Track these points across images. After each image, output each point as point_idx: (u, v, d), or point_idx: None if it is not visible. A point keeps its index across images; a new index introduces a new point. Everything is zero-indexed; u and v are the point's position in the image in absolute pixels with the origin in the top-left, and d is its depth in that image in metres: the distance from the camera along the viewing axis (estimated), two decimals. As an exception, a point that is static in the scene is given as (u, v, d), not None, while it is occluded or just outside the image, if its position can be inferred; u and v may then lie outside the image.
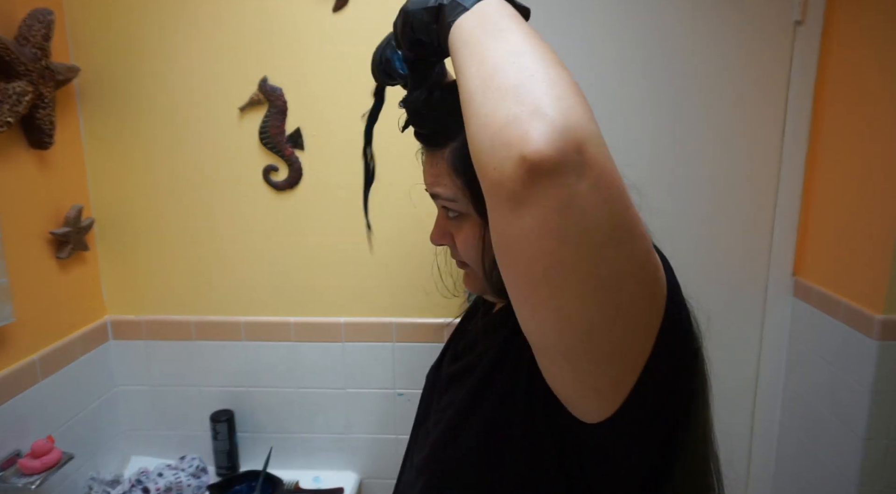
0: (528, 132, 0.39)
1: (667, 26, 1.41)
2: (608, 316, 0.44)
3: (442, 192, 0.65)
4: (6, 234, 1.10)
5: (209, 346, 1.41)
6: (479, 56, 0.46)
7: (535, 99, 0.41)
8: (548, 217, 0.40)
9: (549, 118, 0.39)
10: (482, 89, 0.44)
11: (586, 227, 0.41)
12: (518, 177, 0.39)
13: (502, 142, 0.40)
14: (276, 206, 1.36)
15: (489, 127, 0.42)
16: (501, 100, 0.42)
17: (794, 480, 1.52)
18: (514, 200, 0.40)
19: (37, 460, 1.09)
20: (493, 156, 0.41)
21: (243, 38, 1.29)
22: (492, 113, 0.42)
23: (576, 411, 0.51)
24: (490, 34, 0.47)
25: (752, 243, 1.51)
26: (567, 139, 0.39)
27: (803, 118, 1.43)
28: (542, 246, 0.41)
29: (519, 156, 0.39)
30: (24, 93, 1.08)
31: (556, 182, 0.39)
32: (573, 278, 0.42)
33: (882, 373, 1.21)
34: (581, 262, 0.42)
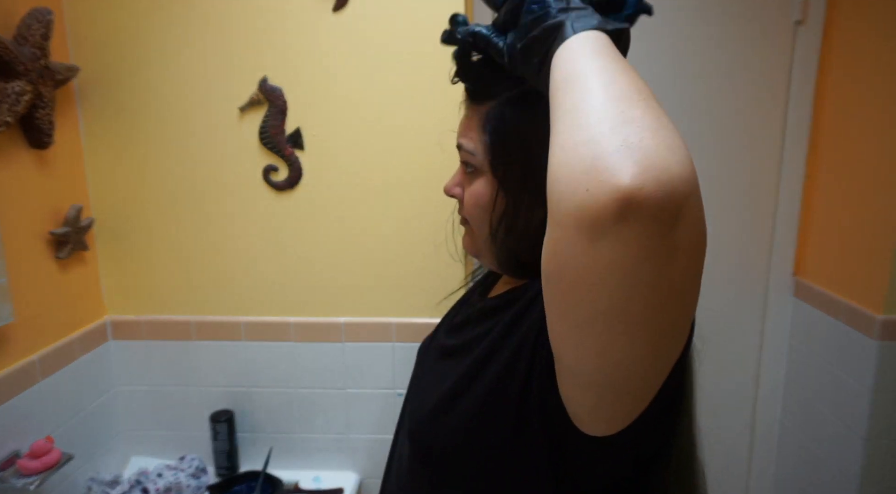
0: (638, 164, 0.37)
1: (667, 26, 1.41)
2: (650, 360, 0.44)
3: (465, 144, 0.66)
4: (6, 234, 1.10)
5: (209, 346, 1.41)
6: (608, 75, 0.44)
7: (655, 138, 0.39)
8: (628, 259, 0.39)
9: (664, 160, 0.38)
10: (604, 106, 0.42)
11: (661, 280, 0.40)
12: (611, 209, 0.37)
13: (606, 166, 0.38)
14: (276, 206, 1.36)
15: (597, 145, 0.39)
16: (620, 125, 0.40)
17: (794, 480, 1.52)
18: (596, 230, 0.38)
19: (36, 460, 1.09)
20: (588, 176, 0.39)
21: (243, 38, 1.29)
22: (607, 133, 0.40)
23: (581, 426, 0.51)
24: (618, 60, 0.47)
25: (753, 243, 1.51)
26: (675, 189, 0.38)
27: (804, 118, 1.43)
28: (614, 285, 0.40)
29: (619, 186, 0.37)
30: (23, 93, 1.08)
31: (648, 228, 0.38)
32: (635, 323, 0.42)
33: (882, 373, 1.21)
34: (648, 311, 0.41)
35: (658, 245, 0.38)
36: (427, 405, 0.66)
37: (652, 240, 0.38)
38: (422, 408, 0.66)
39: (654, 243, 0.38)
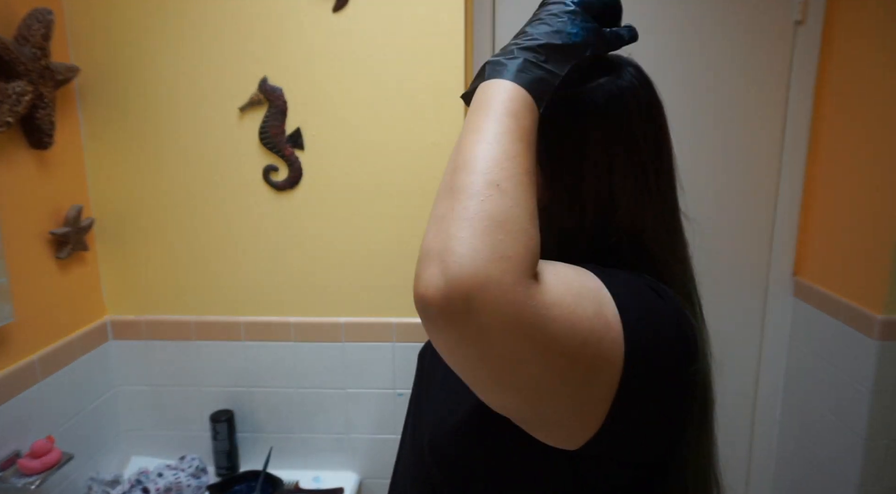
0: (423, 271, 0.42)
1: (667, 26, 1.41)
2: (534, 405, 0.47)
3: None
4: (6, 234, 1.10)
5: (209, 346, 1.41)
6: (456, 147, 0.48)
7: (444, 240, 0.43)
8: (448, 346, 0.44)
9: (444, 265, 0.41)
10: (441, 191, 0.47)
11: (485, 357, 0.43)
12: (419, 309, 0.43)
13: (416, 273, 0.43)
14: (276, 206, 1.36)
15: (420, 251, 0.45)
16: (430, 226, 0.45)
17: (794, 480, 1.52)
18: (424, 322, 0.43)
19: (36, 460, 1.09)
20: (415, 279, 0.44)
21: (243, 38, 1.29)
22: (425, 238, 0.45)
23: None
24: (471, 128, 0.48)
25: (753, 243, 1.51)
26: (453, 289, 0.40)
27: (804, 118, 1.43)
28: (455, 363, 0.45)
29: (416, 293, 0.42)
30: (23, 93, 1.08)
31: (444, 322, 0.42)
32: (490, 386, 0.46)
33: (882, 373, 1.22)
34: (492, 377, 0.45)
35: (461, 333, 0.42)
36: (449, 419, 0.64)
37: (453, 331, 0.42)
38: (444, 422, 0.65)
39: (456, 333, 0.42)
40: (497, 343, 0.42)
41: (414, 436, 0.74)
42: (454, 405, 0.65)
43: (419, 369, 0.85)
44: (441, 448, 0.64)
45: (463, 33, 1.27)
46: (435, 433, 0.66)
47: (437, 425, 0.66)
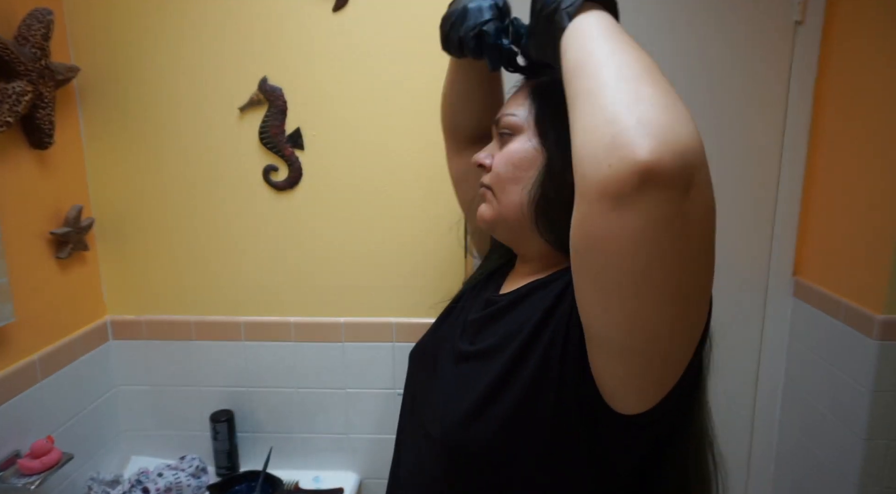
0: (654, 138, 0.41)
1: (666, 26, 1.41)
2: (677, 325, 0.47)
3: (509, 110, 0.69)
4: (6, 234, 1.10)
5: (209, 346, 1.41)
6: (619, 57, 0.48)
7: (668, 113, 0.43)
8: (648, 225, 0.42)
9: (676, 134, 0.41)
10: (617, 86, 0.45)
11: (682, 244, 0.43)
12: (630, 180, 0.41)
13: (624, 142, 0.41)
14: (276, 206, 1.36)
15: (616, 123, 0.43)
16: (634, 103, 0.43)
17: (794, 480, 1.52)
18: (619, 200, 0.42)
19: (36, 460, 1.09)
20: (610, 153, 0.42)
21: (243, 38, 1.29)
22: (624, 111, 0.43)
23: (613, 402, 0.53)
24: (626, 42, 0.50)
25: (753, 243, 1.51)
26: (687, 160, 0.41)
27: (803, 118, 1.43)
28: (638, 251, 0.43)
29: (638, 160, 0.40)
30: (23, 93, 1.08)
31: (666, 195, 0.41)
32: (658, 286, 0.45)
33: (882, 373, 1.21)
34: (669, 274, 0.44)
35: (675, 211, 0.41)
36: (459, 410, 0.64)
37: (670, 207, 0.41)
38: (453, 414, 0.65)
39: (671, 209, 0.41)
40: (700, 227, 0.43)
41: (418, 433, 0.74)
42: (467, 390, 0.65)
43: (413, 369, 0.85)
44: (454, 441, 0.64)
45: (463, 33, 1.27)
46: (447, 427, 0.65)
47: (447, 418, 0.66)
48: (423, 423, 0.73)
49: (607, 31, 0.51)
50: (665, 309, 0.46)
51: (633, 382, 0.51)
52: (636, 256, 0.43)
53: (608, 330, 0.49)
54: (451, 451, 0.64)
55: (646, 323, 0.46)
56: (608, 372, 0.52)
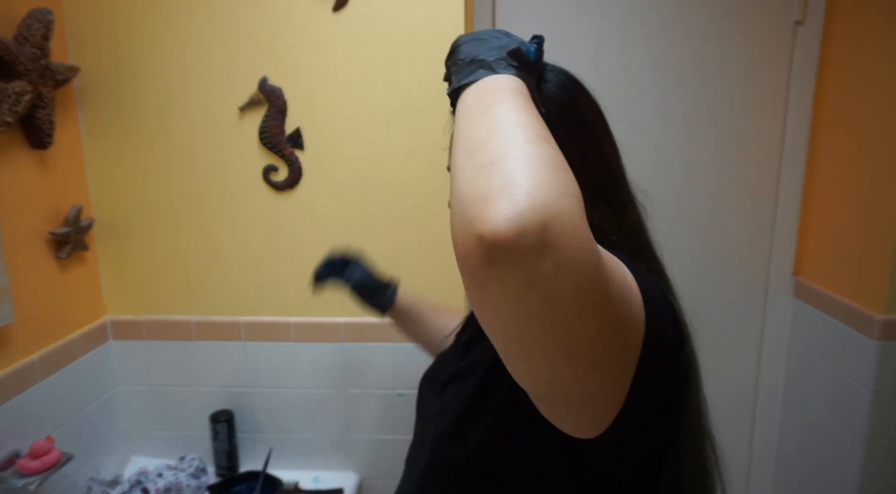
0: (489, 211, 0.39)
1: (666, 27, 1.41)
2: (580, 375, 0.45)
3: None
4: (6, 234, 1.10)
5: (209, 346, 1.41)
6: (467, 131, 0.48)
7: (505, 177, 0.41)
8: (508, 296, 0.40)
9: (511, 197, 0.39)
10: (464, 164, 0.45)
11: (550, 307, 0.41)
12: (478, 256, 0.39)
13: (468, 219, 0.41)
14: (276, 206, 1.36)
15: (461, 201, 0.42)
16: (475, 176, 0.42)
17: (794, 480, 1.52)
18: (477, 278, 0.41)
19: (36, 460, 1.09)
20: (460, 231, 0.42)
21: (243, 38, 1.29)
22: (467, 188, 0.42)
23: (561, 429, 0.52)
24: (483, 108, 0.49)
25: (753, 243, 1.51)
26: (526, 219, 0.38)
27: (803, 118, 1.43)
28: (507, 321, 0.42)
29: (478, 235, 0.39)
30: (23, 93, 1.08)
31: (514, 263, 0.39)
32: (540, 350, 0.43)
33: (882, 373, 1.21)
34: (547, 337, 0.42)
35: (531, 275, 0.39)
36: (444, 426, 0.66)
37: (523, 273, 0.39)
38: (440, 431, 0.66)
39: (525, 276, 0.39)
40: (566, 286, 0.40)
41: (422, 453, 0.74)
42: (451, 406, 0.66)
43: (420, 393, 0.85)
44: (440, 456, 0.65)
45: (463, 33, 1.27)
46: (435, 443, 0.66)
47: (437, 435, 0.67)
48: (424, 443, 0.74)
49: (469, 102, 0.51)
50: (561, 366, 0.44)
51: (565, 421, 0.51)
52: (511, 323, 0.42)
53: (520, 381, 0.48)
54: (442, 467, 0.65)
55: (547, 379, 0.46)
56: (540, 410, 0.52)
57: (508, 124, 0.46)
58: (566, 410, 0.49)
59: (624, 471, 0.58)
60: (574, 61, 0.74)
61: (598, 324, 0.43)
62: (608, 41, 1.42)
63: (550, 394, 0.48)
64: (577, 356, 0.44)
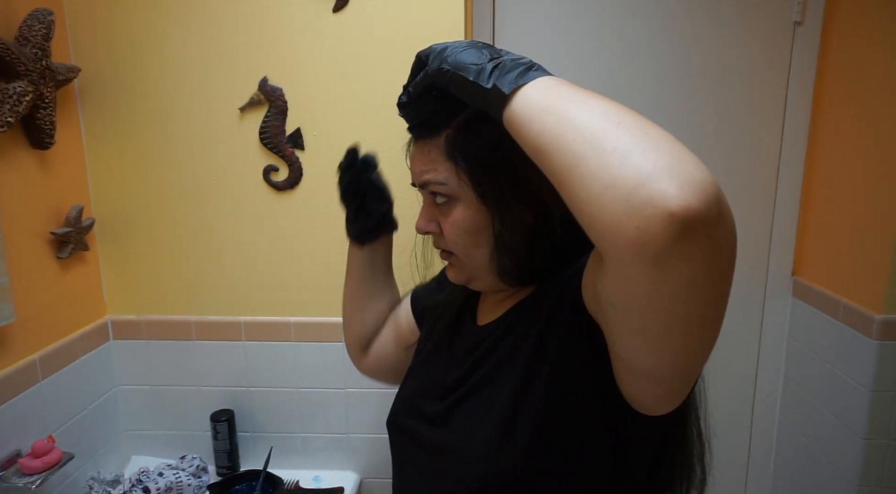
0: (670, 187, 0.38)
1: (666, 27, 1.41)
2: (702, 347, 0.47)
3: (433, 178, 0.66)
4: (6, 234, 1.10)
5: (209, 346, 1.42)
6: (573, 123, 0.45)
7: (661, 154, 0.40)
8: (694, 270, 0.40)
9: (685, 172, 0.39)
10: (593, 153, 0.42)
11: (722, 274, 0.43)
12: (667, 235, 0.38)
13: (642, 201, 0.39)
14: (276, 206, 1.36)
15: (619, 187, 0.40)
16: (624, 159, 0.41)
17: (794, 480, 1.52)
18: (660, 258, 0.40)
19: (37, 460, 1.09)
20: (631, 216, 0.40)
21: (243, 39, 1.29)
22: (618, 173, 0.41)
23: (643, 410, 0.55)
24: (572, 100, 0.46)
25: (752, 243, 1.51)
26: (710, 194, 0.39)
27: (802, 118, 1.43)
28: (685, 296, 0.42)
29: (667, 213, 0.38)
30: (24, 94, 1.08)
31: (705, 234, 0.39)
32: (703, 323, 0.45)
33: (882, 373, 1.22)
34: (710, 308, 0.44)
35: (715, 244, 0.40)
36: (478, 443, 0.62)
37: (710, 246, 0.40)
38: (473, 452, 0.62)
39: (711, 248, 0.40)
40: (731, 255, 0.42)
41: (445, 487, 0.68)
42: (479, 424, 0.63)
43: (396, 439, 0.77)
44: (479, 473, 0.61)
45: (463, 33, 1.27)
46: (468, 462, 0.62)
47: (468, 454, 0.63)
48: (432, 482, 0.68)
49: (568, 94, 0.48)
50: (707, 340, 0.46)
51: (667, 399, 0.53)
52: (685, 302, 0.42)
53: (655, 368, 0.49)
54: (480, 485, 0.61)
55: (691, 356, 0.47)
56: (644, 394, 0.53)
57: (620, 110, 0.45)
58: (660, 383, 0.51)
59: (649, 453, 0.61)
60: (573, 61, 0.74)
61: (723, 294, 0.45)
62: (608, 41, 1.42)
63: (681, 372, 0.49)
64: (710, 328, 0.46)
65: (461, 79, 0.54)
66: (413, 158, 0.70)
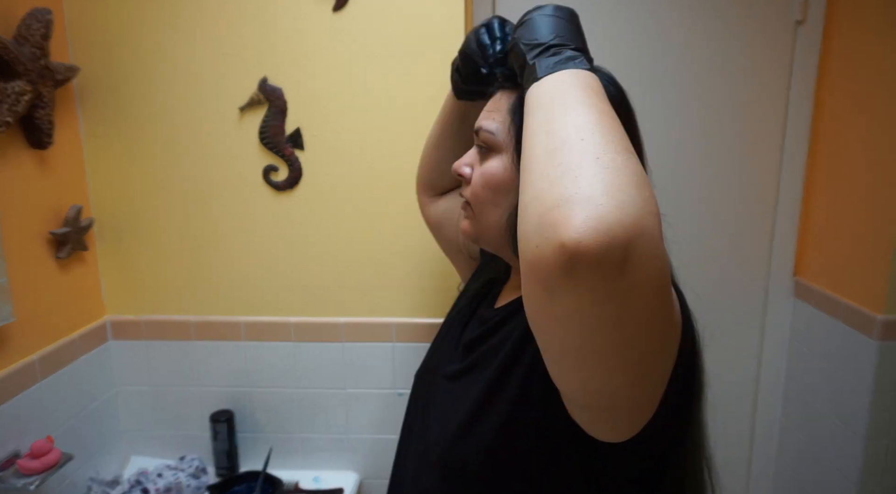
0: (573, 218, 0.37)
1: (666, 26, 1.41)
2: (632, 386, 0.45)
3: (487, 125, 0.66)
4: (6, 234, 1.10)
5: (209, 346, 1.41)
6: (549, 125, 0.45)
7: (591, 184, 0.39)
8: (581, 307, 0.39)
9: (600, 208, 0.37)
10: (545, 161, 0.43)
11: (621, 318, 0.40)
12: (556, 264, 0.38)
13: (548, 223, 0.39)
14: (276, 206, 1.36)
15: (541, 202, 0.40)
16: (559, 177, 0.40)
17: (794, 480, 1.51)
18: (548, 283, 0.39)
19: (36, 460, 1.09)
20: (536, 234, 0.40)
21: (243, 38, 1.29)
22: (547, 188, 0.40)
23: (590, 432, 0.53)
24: (565, 104, 0.46)
25: (753, 244, 1.51)
26: (614, 234, 0.37)
27: (804, 118, 1.43)
28: (573, 327, 0.41)
29: (559, 243, 0.37)
30: (22, 93, 1.08)
31: (595, 275, 0.37)
32: (602, 358, 0.43)
33: (882, 373, 1.21)
34: (610, 348, 0.42)
35: (609, 289, 0.38)
36: (450, 428, 0.64)
37: (601, 287, 0.38)
38: (445, 432, 0.65)
39: (604, 289, 0.38)
40: (640, 300, 0.40)
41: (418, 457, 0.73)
42: (456, 407, 0.65)
43: (413, 394, 0.83)
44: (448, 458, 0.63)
45: (463, 33, 1.27)
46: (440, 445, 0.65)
47: (441, 436, 0.65)
48: (422, 446, 0.72)
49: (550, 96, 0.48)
50: (617, 376, 0.44)
51: (599, 427, 0.51)
52: (575, 332, 0.41)
53: (567, 390, 0.48)
54: (447, 470, 0.64)
55: (599, 388, 0.45)
56: (576, 417, 0.52)
57: (597, 129, 0.43)
58: (606, 416, 0.49)
59: (633, 470, 0.58)
60: (574, 61, 0.73)
61: (660, 337, 0.44)
62: (607, 41, 1.42)
63: (597, 402, 0.48)
64: (636, 365, 0.44)
65: (519, 47, 0.56)
66: (488, 104, 0.71)
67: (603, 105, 0.47)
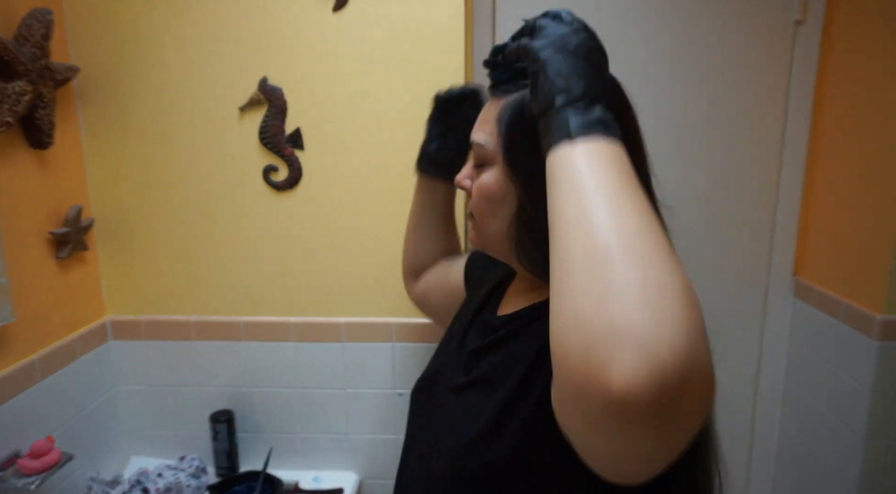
0: (624, 362, 0.34)
1: (666, 26, 1.41)
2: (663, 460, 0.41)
3: (477, 138, 0.67)
4: (6, 234, 1.10)
5: (209, 346, 1.41)
6: (586, 220, 0.41)
7: (644, 315, 0.35)
8: (626, 440, 0.37)
9: (654, 351, 0.33)
10: (585, 271, 0.38)
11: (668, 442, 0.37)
12: (603, 405, 0.34)
13: (594, 357, 0.35)
14: (276, 206, 1.36)
15: (583, 325, 0.36)
16: (602, 299, 0.36)
17: (794, 480, 1.52)
18: (590, 419, 0.36)
19: (36, 460, 1.09)
20: (582, 362, 0.36)
21: (243, 38, 1.29)
22: (590, 310, 0.36)
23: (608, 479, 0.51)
24: (605, 195, 0.42)
25: (753, 243, 1.51)
26: (668, 381, 0.33)
27: (804, 118, 1.43)
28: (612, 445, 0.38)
29: (607, 386, 0.34)
30: (23, 93, 1.08)
31: (644, 417, 0.34)
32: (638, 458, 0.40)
33: (882, 373, 1.21)
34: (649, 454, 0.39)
35: (658, 424, 0.35)
36: (466, 438, 0.63)
37: (651, 425, 0.35)
38: (458, 444, 0.64)
39: (653, 427, 0.35)
40: (688, 423, 0.36)
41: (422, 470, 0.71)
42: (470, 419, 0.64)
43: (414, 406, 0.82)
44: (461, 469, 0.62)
45: (463, 33, 1.27)
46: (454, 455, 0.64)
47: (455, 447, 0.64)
48: (426, 459, 0.71)
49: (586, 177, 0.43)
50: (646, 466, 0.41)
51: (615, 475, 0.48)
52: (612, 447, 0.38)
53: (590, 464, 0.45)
54: (458, 482, 0.63)
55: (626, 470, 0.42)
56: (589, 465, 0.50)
57: (640, 234, 0.39)
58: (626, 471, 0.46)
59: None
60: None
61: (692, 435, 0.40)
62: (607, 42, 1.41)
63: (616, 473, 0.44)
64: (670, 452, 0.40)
65: (545, 78, 0.51)
66: (480, 115, 0.71)
67: (639, 195, 0.43)
